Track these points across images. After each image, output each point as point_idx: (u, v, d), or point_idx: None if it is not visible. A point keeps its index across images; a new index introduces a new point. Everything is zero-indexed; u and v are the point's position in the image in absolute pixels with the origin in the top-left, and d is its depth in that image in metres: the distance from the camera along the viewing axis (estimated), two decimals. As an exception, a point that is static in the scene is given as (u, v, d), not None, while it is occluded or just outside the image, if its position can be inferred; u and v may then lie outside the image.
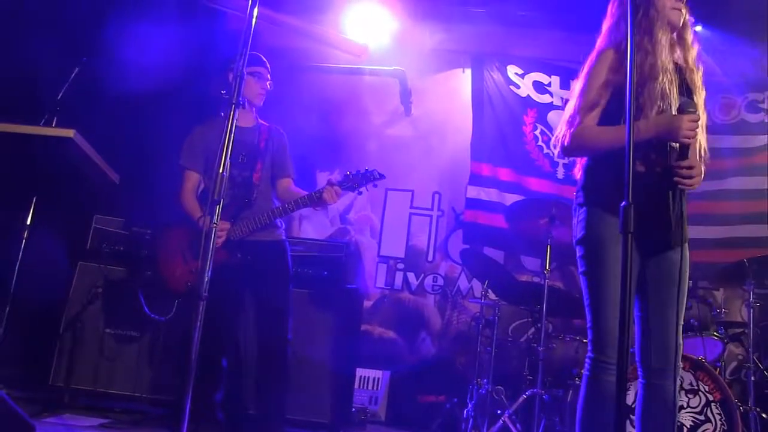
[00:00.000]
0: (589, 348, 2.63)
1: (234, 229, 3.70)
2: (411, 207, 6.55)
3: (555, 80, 6.45)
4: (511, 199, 6.01)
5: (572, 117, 2.73)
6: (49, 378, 4.41)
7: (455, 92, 6.66)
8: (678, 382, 2.65)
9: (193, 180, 3.91)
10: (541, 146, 6.32)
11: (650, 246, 2.63)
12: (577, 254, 2.71)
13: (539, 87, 6.45)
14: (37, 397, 4.38)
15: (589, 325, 2.64)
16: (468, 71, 6.60)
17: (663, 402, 2.62)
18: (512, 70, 6.50)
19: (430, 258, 6.48)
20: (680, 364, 2.66)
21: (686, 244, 2.68)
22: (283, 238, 3.91)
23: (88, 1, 5.14)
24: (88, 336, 4.47)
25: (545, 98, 6.43)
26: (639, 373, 2.69)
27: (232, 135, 2.59)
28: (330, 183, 3.67)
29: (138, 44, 5.33)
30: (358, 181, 3.71)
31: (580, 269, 2.70)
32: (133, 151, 5.42)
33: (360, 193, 3.76)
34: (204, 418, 3.73)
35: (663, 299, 2.64)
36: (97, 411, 4.32)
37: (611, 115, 2.66)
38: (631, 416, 3.63)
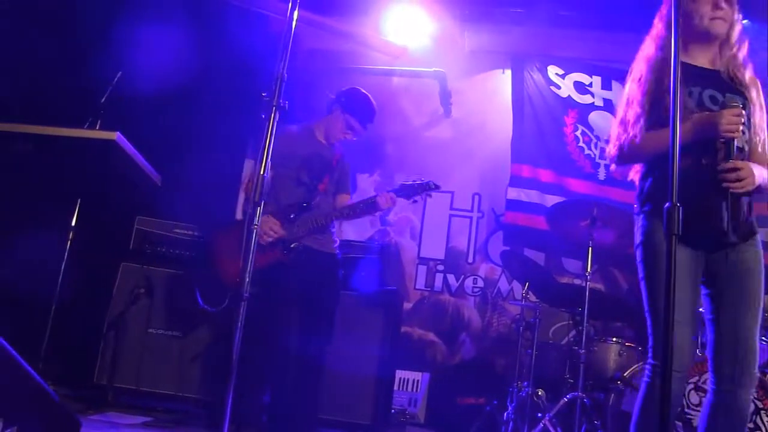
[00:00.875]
0: (649, 354, 2.59)
1: (293, 229, 3.77)
2: (451, 208, 6.53)
3: (596, 80, 6.37)
4: (551, 200, 5.94)
5: (621, 128, 2.74)
6: (93, 376, 4.49)
7: (495, 93, 6.63)
8: (752, 392, 2.57)
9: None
10: (582, 147, 6.25)
11: (711, 247, 2.59)
12: (636, 259, 2.69)
13: (580, 87, 6.38)
14: (83, 395, 4.46)
15: (648, 331, 2.60)
16: (508, 72, 6.55)
17: (732, 411, 2.54)
18: (553, 71, 6.44)
19: (470, 260, 6.45)
20: (756, 372, 2.56)
21: (753, 242, 2.61)
22: (338, 252, 3.98)
23: (126, 7, 5.22)
24: (131, 336, 4.53)
25: (586, 99, 6.36)
26: (710, 379, 2.62)
27: (273, 137, 2.61)
28: (386, 190, 3.78)
29: (178, 47, 5.40)
30: (414, 190, 3.81)
31: (640, 275, 2.66)
32: (174, 153, 5.49)
33: (415, 202, 3.84)
34: (248, 420, 3.75)
35: (731, 302, 2.58)
36: (140, 409, 4.39)
37: (657, 123, 2.65)
38: (677, 422, 3.57)
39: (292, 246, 3.76)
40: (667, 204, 1.89)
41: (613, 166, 2.85)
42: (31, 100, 5.57)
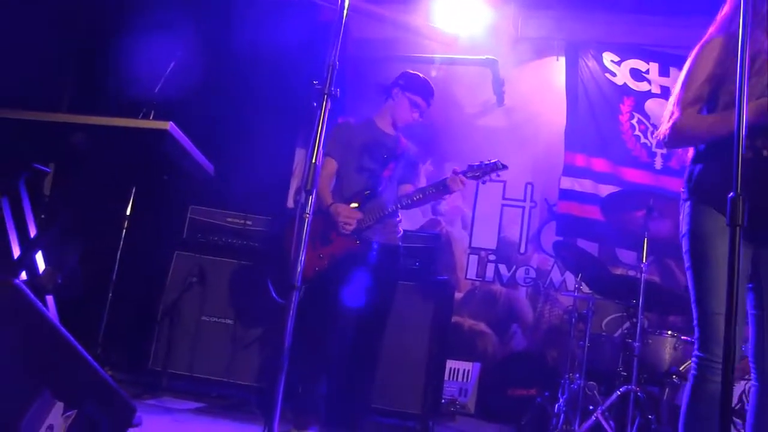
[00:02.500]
0: (696, 346, 2.52)
1: (362, 219, 3.79)
2: (503, 198, 6.46)
3: (653, 67, 6.23)
4: (606, 190, 5.84)
5: (673, 109, 2.62)
6: (148, 362, 4.56)
7: (549, 81, 6.53)
8: None
9: (329, 167, 3.96)
10: (638, 136, 6.13)
11: (763, 239, 2.49)
12: (683, 249, 2.60)
13: (636, 74, 6.25)
14: (138, 381, 4.54)
15: (695, 322, 2.53)
16: (562, 59, 6.45)
17: None
18: (608, 58, 6.32)
19: (522, 250, 6.39)
20: None
21: None
22: (400, 245, 4.01)
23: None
24: (184, 323, 4.60)
25: (643, 86, 6.22)
26: (752, 375, 2.53)
27: (325, 125, 2.60)
28: (455, 172, 3.73)
29: (227, 38, 5.43)
30: (482, 171, 3.75)
31: (686, 265, 2.58)
32: (226, 143, 5.54)
33: (483, 182, 3.82)
34: (305, 408, 3.76)
35: None
36: (193, 395, 4.45)
37: (712, 108, 2.55)
38: (735, 419, 3.48)
39: (362, 234, 3.80)
40: (731, 194, 1.82)
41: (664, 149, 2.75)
42: (87, 92, 5.70)
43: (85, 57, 6.03)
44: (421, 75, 4.12)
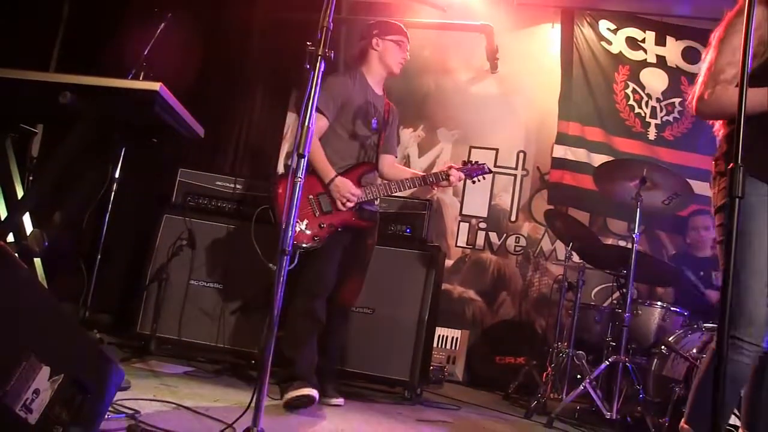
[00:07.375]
0: None
1: (362, 195, 3.75)
2: (495, 166, 6.43)
3: (650, 36, 6.17)
4: (599, 159, 5.83)
5: (711, 75, 2.48)
6: (137, 326, 4.54)
7: (543, 49, 6.47)
8: None
9: (320, 125, 3.70)
10: (633, 105, 6.09)
11: None
12: (716, 222, 2.52)
13: (633, 43, 6.19)
14: (126, 344, 4.53)
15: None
16: (557, 26, 6.39)
17: None
18: (604, 26, 6.26)
19: (513, 218, 6.38)
20: None
21: None
22: (378, 210, 4.04)
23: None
24: (173, 287, 4.56)
25: (639, 55, 6.17)
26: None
27: (317, 88, 2.54)
28: (452, 167, 3.89)
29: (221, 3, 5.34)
30: (475, 172, 3.98)
31: (720, 238, 2.49)
32: (217, 106, 5.47)
33: (474, 183, 4.08)
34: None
35: None
36: (182, 359, 4.44)
37: (754, 76, 2.28)
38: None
39: (361, 208, 3.79)
40: (730, 165, 1.79)
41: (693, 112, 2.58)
42: (76, 52, 5.61)
43: (75, 15, 5.94)
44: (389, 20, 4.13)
